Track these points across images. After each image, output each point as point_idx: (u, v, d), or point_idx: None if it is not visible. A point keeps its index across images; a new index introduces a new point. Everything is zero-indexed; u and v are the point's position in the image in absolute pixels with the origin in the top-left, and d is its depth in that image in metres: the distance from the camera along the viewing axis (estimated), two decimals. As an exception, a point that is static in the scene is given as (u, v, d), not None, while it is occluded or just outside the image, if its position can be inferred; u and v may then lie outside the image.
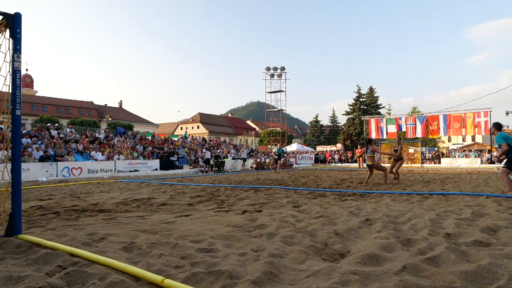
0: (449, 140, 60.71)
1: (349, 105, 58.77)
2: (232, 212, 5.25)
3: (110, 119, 51.58)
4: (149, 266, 2.62)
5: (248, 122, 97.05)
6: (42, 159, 16.04)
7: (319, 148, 47.16)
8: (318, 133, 66.24)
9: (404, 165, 26.85)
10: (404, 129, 30.33)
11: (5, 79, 3.84)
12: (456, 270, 2.35)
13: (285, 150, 17.48)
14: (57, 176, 15.72)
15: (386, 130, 31.10)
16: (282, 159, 26.97)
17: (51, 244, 3.18)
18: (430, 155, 35.00)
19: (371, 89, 57.64)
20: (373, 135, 31.84)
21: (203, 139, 34.40)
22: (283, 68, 53.66)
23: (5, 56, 3.81)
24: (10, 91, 3.76)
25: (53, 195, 8.34)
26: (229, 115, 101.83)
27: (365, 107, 56.83)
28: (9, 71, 3.79)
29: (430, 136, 31.66)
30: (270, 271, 2.45)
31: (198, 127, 74.57)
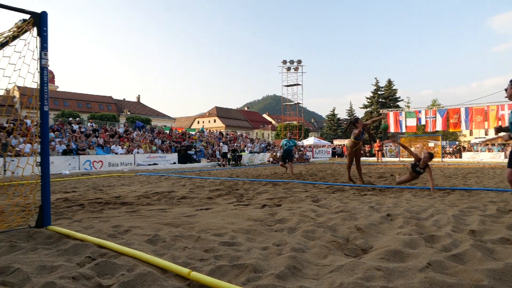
0: (471, 133, 59.17)
1: (367, 98, 57.95)
2: (252, 206, 5.30)
3: (129, 113, 52.42)
4: (175, 259, 2.69)
5: (265, 115, 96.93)
6: (65, 153, 16.48)
7: (336, 142, 46.77)
8: (335, 127, 65.64)
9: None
10: (423, 123, 29.70)
11: (34, 76, 3.98)
12: (482, 268, 2.32)
13: (295, 143, 13.84)
14: (79, 169, 16.14)
15: (405, 124, 30.54)
16: (299, 153, 26.89)
17: (80, 235, 3.29)
18: (451, 149, 34.24)
19: (389, 82, 56.64)
20: (392, 129, 31.33)
21: (220, 133, 34.60)
22: (299, 61, 53.22)
23: (33, 54, 3.93)
24: (38, 87, 3.89)
25: (76, 188, 8.58)
26: (246, 108, 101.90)
27: (383, 100, 55.91)
28: (37, 69, 3.91)
29: (451, 130, 30.93)
30: (294, 265, 2.47)
31: (214, 121, 74.95)
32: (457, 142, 42.70)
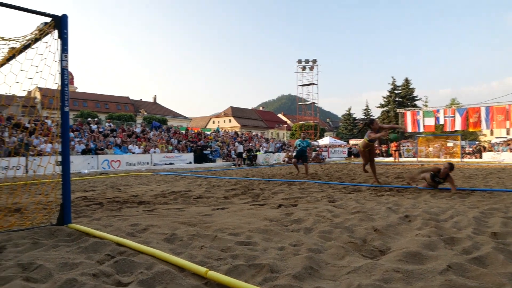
0: (492, 133, 57.64)
1: (384, 97, 57.16)
2: (268, 206, 5.30)
3: (145, 113, 53.14)
4: (192, 258, 2.71)
5: (280, 115, 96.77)
6: (84, 152, 16.83)
7: (352, 142, 46.30)
8: (351, 126, 64.98)
9: (443, 159, 25.89)
10: (442, 122, 29.11)
11: (55, 77, 4.08)
12: (505, 272, 2.26)
13: (309, 144, 13.46)
14: (97, 169, 16.45)
15: (423, 123, 30.00)
16: (314, 153, 26.74)
17: (99, 233, 3.35)
18: (471, 149, 33.45)
19: (406, 81, 55.71)
20: (409, 128, 30.83)
21: (235, 132, 34.71)
22: (314, 61, 52.92)
23: (54, 56, 4.03)
24: (59, 88, 3.98)
25: (95, 187, 8.75)
26: (261, 108, 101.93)
27: (400, 99, 55.04)
28: (58, 70, 4.00)
29: (471, 129, 30.19)
30: (310, 266, 2.46)
31: (230, 120, 75.26)
32: (477, 142, 41.70)
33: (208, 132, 31.88)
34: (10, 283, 2.20)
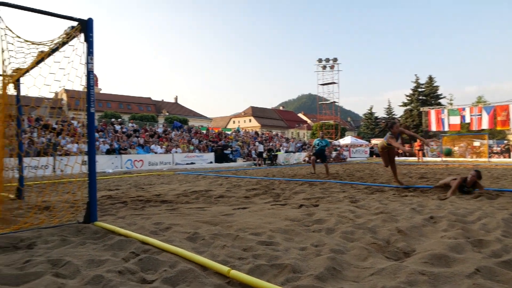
0: (521, 132, 55.45)
1: (406, 95, 55.90)
2: (289, 206, 5.29)
3: (167, 113, 53.96)
4: (214, 257, 2.74)
5: (300, 115, 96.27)
6: (108, 152, 17.25)
7: (374, 141, 45.55)
8: (373, 126, 63.92)
9: (469, 159, 25.09)
10: (468, 120, 28.24)
11: (81, 79, 4.20)
12: (537, 276, 2.18)
13: (328, 143, 13.03)
14: (121, 168, 16.83)
15: (448, 122, 29.18)
16: (335, 153, 26.46)
17: (124, 231, 3.43)
18: (499, 148, 32.31)
19: (430, 78, 54.29)
20: (433, 127, 30.07)
21: (256, 132, 34.77)
22: (335, 59, 52.33)
23: (81, 59, 4.15)
24: (85, 90, 4.10)
25: (119, 186, 8.95)
26: (281, 108, 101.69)
27: (423, 97, 53.70)
28: (84, 72, 4.12)
29: (499, 128, 29.15)
30: (333, 267, 2.45)
31: (250, 120, 75.43)
32: (505, 141, 40.17)
33: (229, 132, 32.06)
34: (41, 278, 2.29)
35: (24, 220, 3.91)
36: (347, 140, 39.83)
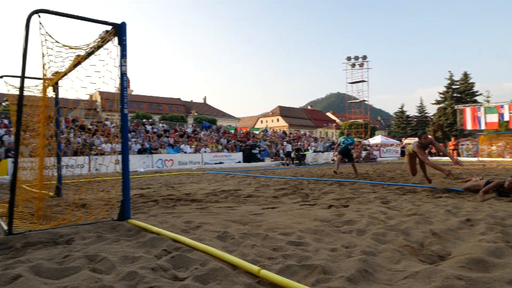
0: None
1: (440, 93, 53.93)
2: (318, 206, 5.24)
3: (196, 114, 54.82)
4: (244, 256, 2.76)
5: (328, 114, 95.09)
6: (140, 152, 17.75)
7: (406, 141, 44.27)
8: (404, 125, 62.17)
9: (508, 159, 23.87)
10: (507, 118, 26.88)
11: (115, 81, 4.34)
12: None
13: (354, 140, 12.37)
14: (152, 167, 17.26)
15: (485, 120, 27.89)
16: (364, 152, 25.94)
17: (156, 229, 3.52)
18: (541, 148, 30.54)
19: (465, 75, 52.10)
20: (469, 126, 28.84)
21: (283, 132, 34.68)
22: (364, 57, 51.38)
23: (115, 62, 4.29)
24: (119, 92, 4.23)
25: (151, 185, 9.19)
26: (309, 107, 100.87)
27: (458, 94, 51.60)
28: (117, 75, 4.26)
29: (541, 126, 27.63)
30: (364, 269, 2.40)
31: (277, 120, 75.31)
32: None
33: (257, 132, 32.16)
34: (79, 273, 2.39)
35: (63, 216, 4.10)
36: (377, 139, 38.95)
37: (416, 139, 7.18)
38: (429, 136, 6.95)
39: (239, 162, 21.64)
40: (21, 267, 2.48)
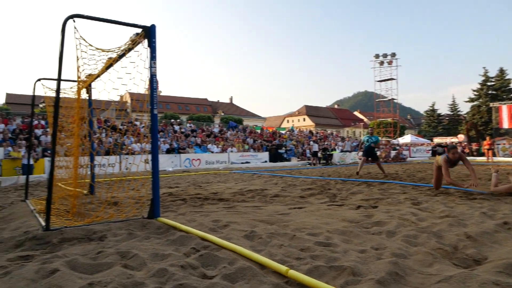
0: None
1: (474, 90, 51.85)
2: (346, 207, 5.16)
3: (222, 114, 55.33)
4: (271, 256, 2.76)
5: (356, 113, 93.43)
6: (168, 151, 18.11)
7: (437, 140, 42.86)
8: (435, 123, 60.21)
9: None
10: (548, 117, 25.53)
11: (145, 83, 4.45)
12: None
13: (378, 139, 11.88)
14: (180, 166, 17.57)
15: (524, 119, 26.57)
16: (394, 152, 25.30)
17: (185, 228, 3.58)
18: None
19: (501, 71, 49.79)
20: (505, 124, 27.58)
21: (310, 131, 34.40)
22: (393, 54, 50.06)
23: (145, 63, 4.39)
24: (148, 93, 4.33)
25: (179, 184, 9.35)
26: (335, 106, 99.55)
27: (493, 92, 49.41)
28: (147, 76, 4.36)
29: None
30: (395, 271, 2.34)
31: (304, 119, 74.77)
32: None
33: (283, 131, 32.07)
34: (112, 269, 2.47)
35: (96, 214, 4.24)
36: (407, 138, 37.94)
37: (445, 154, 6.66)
38: (459, 152, 6.38)
39: (265, 161, 21.65)
40: (58, 262, 2.59)
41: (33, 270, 2.42)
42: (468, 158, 8.21)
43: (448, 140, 41.33)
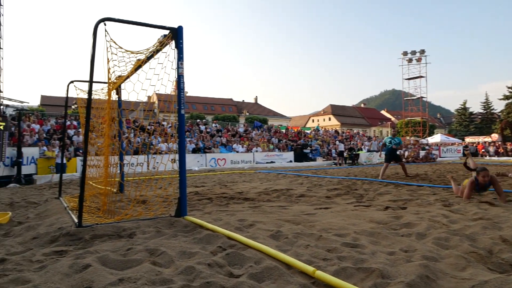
0: None
1: (508, 87, 49.61)
2: (373, 208, 5.06)
3: (247, 113, 55.55)
4: (298, 256, 2.74)
5: (383, 112, 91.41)
6: (194, 151, 18.36)
7: (469, 140, 41.31)
8: (467, 122, 58.07)
9: None
10: None
11: (172, 83, 4.52)
12: None
13: (400, 140, 11.09)
14: (206, 166, 17.78)
15: None
16: (423, 152, 24.58)
17: (211, 226, 3.62)
18: None
19: (540, 68, 47.42)
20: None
21: (336, 131, 33.97)
22: (422, 51, 48.74)
23: (172, 64, 4.47)
24: (175, 93, 4.40)
25: (205, 183, 9.47)
26: (362, 105, 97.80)
27: (531, 89, 47.16)
28: (175, 77, 4.43)
29: None
30: (426, 275, 2.27)
31: (329, 119, 73.92)
32: None
33: (308, 131, 31.82)
34: (141, 265, 2.53)
35: (125, 211, 4.35)
36: (436, 138, 36.79)
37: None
38: (491, 175, 5.45)
39: (290, 161, 21.56)
40: (90, 257, 2.68)
41: (67, 265, 2.52)
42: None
43: (480, 139, 39.76)
